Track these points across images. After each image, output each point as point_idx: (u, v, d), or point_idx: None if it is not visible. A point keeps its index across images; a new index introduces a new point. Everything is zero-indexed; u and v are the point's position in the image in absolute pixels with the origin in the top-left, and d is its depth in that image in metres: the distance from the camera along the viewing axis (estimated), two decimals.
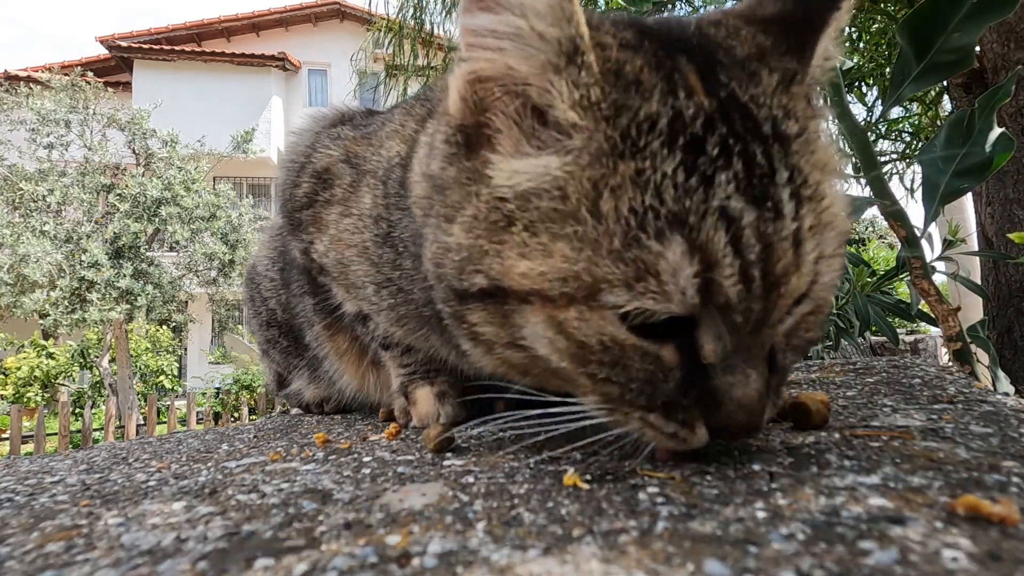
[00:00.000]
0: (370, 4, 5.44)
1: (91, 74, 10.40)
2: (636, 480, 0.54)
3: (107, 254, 9.02)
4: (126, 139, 10.01)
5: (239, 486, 0.62)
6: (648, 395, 0.52)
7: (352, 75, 6.77)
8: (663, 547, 0.39)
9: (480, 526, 0.45)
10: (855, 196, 1.34)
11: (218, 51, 14.74)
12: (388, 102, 5.75)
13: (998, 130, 1.20)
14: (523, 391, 0.63)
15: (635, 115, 0.50)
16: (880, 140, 4.51)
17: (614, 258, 0.48)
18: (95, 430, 8.02)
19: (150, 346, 11.84)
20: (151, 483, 0.67)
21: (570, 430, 0.59)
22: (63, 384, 11.01)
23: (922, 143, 4.30)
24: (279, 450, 0.81)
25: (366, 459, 0.71)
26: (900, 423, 0.67)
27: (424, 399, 0.96)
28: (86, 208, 9.60)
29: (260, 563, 0.41)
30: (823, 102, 0.70)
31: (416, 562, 0.40)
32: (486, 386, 0.98)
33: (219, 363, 13.04)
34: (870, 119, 4.08)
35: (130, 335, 10.44)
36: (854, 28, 4.40)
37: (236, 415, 9.57)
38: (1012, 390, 1.62)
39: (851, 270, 2.54)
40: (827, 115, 0.57)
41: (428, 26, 5.36)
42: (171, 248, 10.67)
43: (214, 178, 12.84)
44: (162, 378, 11.74)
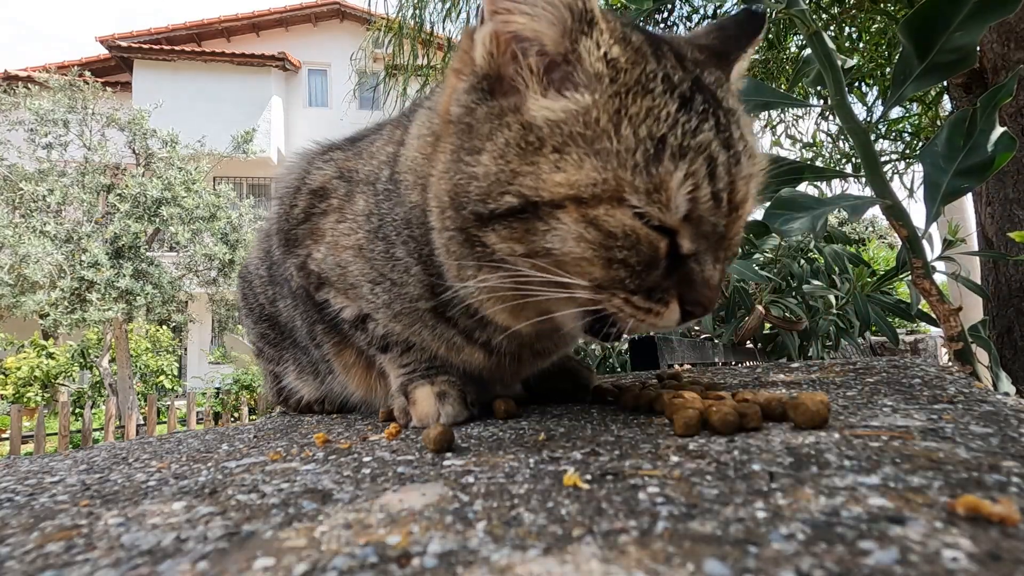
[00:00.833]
0: (370, 4, 5.45)
1: (89, 74, 10.40)
2: (636, 480, 0.54)
3: (107, 254, 9.02)
4: (126, 139, 10.02)
5: (239, 486, 0.62)
6: (642, 277, 0.68)
7: (352, 75, 6.78)
8: (663, 547, 0.39)
9: (480, 526, 0.45)
10: (856, 196, 1.34)
11: (218, 51, 14.75)
12: (388, 102, 5.75)
13: (999, 130, 1.20)
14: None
15: (643, 69, 0.66)
16: (880, 140, 4.51)
17: (637, 171, 0.63)
18: (95, 430, 8.03)
19: (150, 346, 11.85)
20: (151, 483, 0.67)
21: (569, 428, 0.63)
22: (63, 384, 11.02)
23: (922, 143, 4.30)
24: (279, 450, 0.81)
25: (366, 459, 0.71)
26: (900, 423, 0.67)
27: (424, 399, 0.96)
28: (86, 208, 9.61)
29: (260, 563, 0.41)
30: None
31: (416, 562, 0.40)
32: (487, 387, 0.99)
33: (219, 363, 13.05)
34: (870, 119, 4.08)
35: (130, 335, 10.45)
36: (854, 28, 4.40)
37: (236, 415, 9.58)
38: (1013, 390, 1.62)
39: (851, 270, 2.54)
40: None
41: (428, 26, 5.36)
42: (171, 248, 10.68)
43: (214, 178, 12.86)
44: (162, 378, 11.75)
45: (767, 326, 2.90)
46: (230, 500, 0.57)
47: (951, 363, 1.40)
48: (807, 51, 1.49)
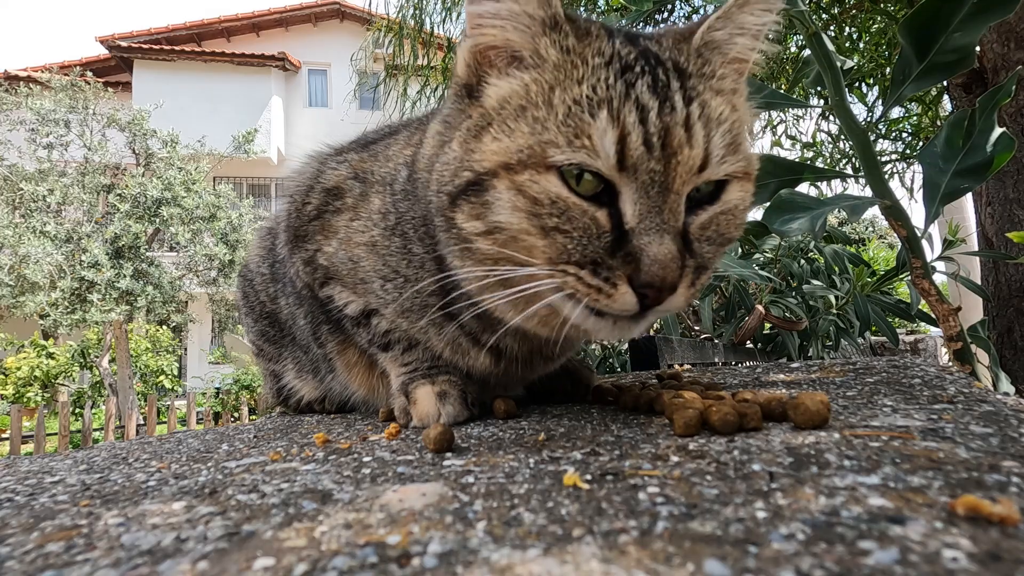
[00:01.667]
0: (370, 4, 5.45)
1: (90, 74, 10.40)
2: (636, 480, 0.54)
3: (107, 254, 9.01)
4: (126, 139, 10.01)
5: (239, 486, 0.62)
6: (583, 249, 0.68)
7: (352, 75, 6.78)
8: (663, 547, 0.39)
9: (480, 526, 0.45)
10: (856, 196, 1.34)
11: (218, 51, 14.74)
12: (388, 102, 5.75)
13: (999, 130, 1.20)
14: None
15: (589, 48, 0.72)
16: (880, 140, 4.51)
17: (558, 126, 0.68)
18: (95, 430, 8.02)
19: (150, 346, 11.85)
20: (151, 483, 0.67)
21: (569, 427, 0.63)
22: (63, 384, 11.02)
23: (922, 143, 4.30)
24: (279, 450, 0.81)
25: (366, 459, 0.71)
26: (900, 423, 0.67)
27: (425, 398, 0.96)
28: (86, 208, 9.60)
29: (260, 563, 0.41)
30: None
31: (416, 562, 0.40)
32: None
33: (219, 363, 13.05)
34: (870, 119, 4.08)
35: (130, 335, 10.44)
36: (854, 28, 4.40)
37: (236, 415, 9.58)
38: (1012, 390, 1.62)
39: (851, 270, 2.54)
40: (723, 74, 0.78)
41: (428, 26, 5.36)
42: (171, 248, 10.67)
43: (214, 178, 12.85)
44: (162, 378, 11.74)
45: (767, 326, 2.90)
46: (230, 500, 0.57)
47: (951, 363, 1.40)
48: (807, 51, 1.49)
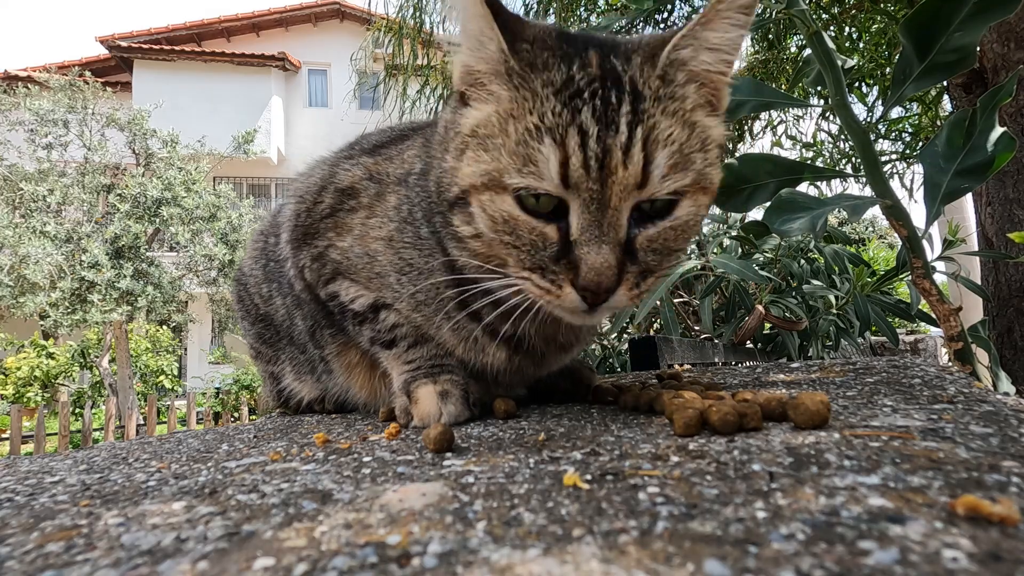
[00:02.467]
0: (370, 4, 5.44)
1: (89, 74, 10.39)
2: (636, 480, 0.54)
3: (107, 254, 9.01)
4: (126, 139, 10.00)
5: (239, 486, 0.62)
6: (532, 258, 0.79)
7: (352, 75, 6.77)
8: (663, 547, 0.39)
9: (480, 526, 0.45)
10: (856, 196, 1.34)
11: (218, 51, 14.73)
12: (388, 101, 5.75)
13: (999, 130, 1.20)
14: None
15: (539, 79, 0.77)
16: (880, 140, 4.51)
17: (511, 154, 0.76)
18: (95, 430, 8.02)
19: (150, 346, 11.85)
20: (151, 483, 0.67)
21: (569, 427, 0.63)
22: (63, 384, 11.02)
23: (922, 143, 4.30)
24: (279, 450, 0.81)
25: (366, 459, 0.71)
26: (900, 423, 0.67)
27: (426, 397, 0.96)
28: (86, 208, 9.60)
29: (260, 563, 0.41)
30: None
31: (416, 562, 0.40)
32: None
33: (219, 363, 13.05)
34: (870, 119, 4.08)
35: (130, 335, 10.44)
36: (854, 28, 4.40)
37: (236, 415, 9.58)
38: (1012, 390, 1.62)
39: (851, 270, 2.54)
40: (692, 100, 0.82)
41: (428, 26, 5.36)
42: (171, 248, 10.67)
43: (214, 178, 12.84)
44: (162, 378, 11.74)
45: (767, 326, 2.90)
46: (230, 500, 0.57)
47: (951, 363, 1.40)
48: (807, 51, 1.49)
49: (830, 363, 1.33)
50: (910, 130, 4.50)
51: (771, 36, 4.62)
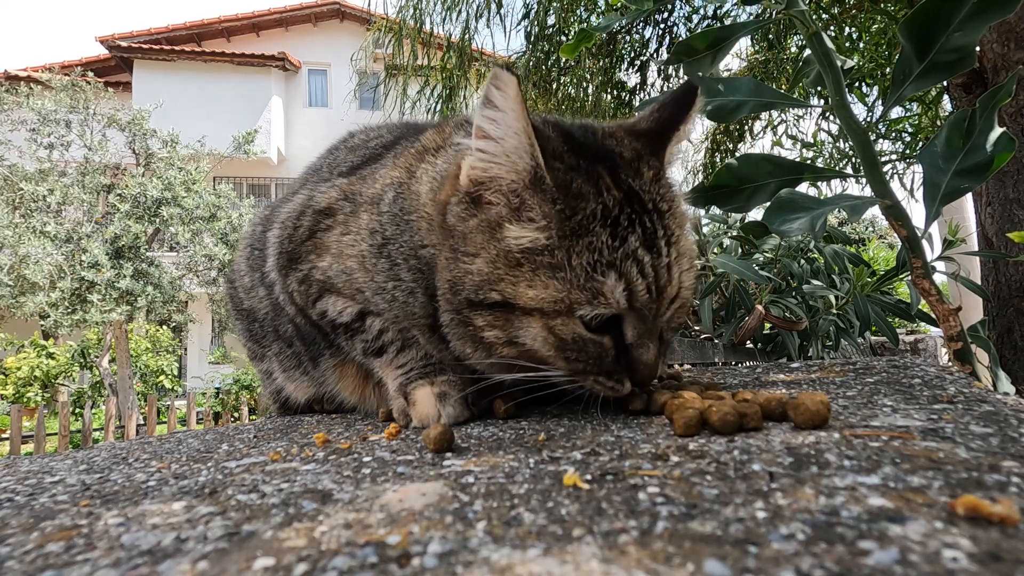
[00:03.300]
0: (370, 4, 5.44)
1: (91, 74, 10.39)
2: (636, 480, 0.54)
3: (107, 254, 9.00)
4: (126, 139, 10.00)
5: (239, 486, 0.62)
6: (598, 366, 0.87)
7: (352, 75, 6.77)
8: (663, 547, 0.39)
9: (480, 526, 0.45)
10: (856, 196, 1.34)
11: (218, 51, 14.72)
12: (388, 102, 5.76)
13: (999, 130, 1.20)
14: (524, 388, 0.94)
15: (580, 212, 0.83)
16: (880, 140, 4.51)
17: (581, 289, 0.83)
18: (95, 430, 8.02)
19: (150, 346, 11.84)
20: (151, 483, 0.67)
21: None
22: (63, 384, 11.01)
23: (922, 143, 4.30)
24: (279, 450, 0.81)
25: (366, 459, 0.71)
26: (900, 423, 0.67)
27: (424, 399, 0.96)
28: (86, 208, 9.59)
29: (260, 563, 0.41)
30: None
31: (416, 562, 0.40)
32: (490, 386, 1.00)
33: (219, 363, 13.04)
34: (870, 119, 4.08)
35: (130, 335, 10.44)
36: (854, 28, 4.40)
37: (236, 415, 9.58)
38: (1012, 390, 1.62)
39: (851, 270, 2.54)
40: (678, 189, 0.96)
41: (428, 26, 5.36)
42: (171, 248, 10.66)
43: (214, 178, 12.84)
44: (162, 378, 11.74)
45: (767, 326, 2.89)
46: (230, 500, 0.57)
47: (951, 363, 1.40)
48: (807, 51, 1.49)
49: (830, 363, 1.33)
50: (910, 130, 4.49)
51: (771, 36, 4.62)
